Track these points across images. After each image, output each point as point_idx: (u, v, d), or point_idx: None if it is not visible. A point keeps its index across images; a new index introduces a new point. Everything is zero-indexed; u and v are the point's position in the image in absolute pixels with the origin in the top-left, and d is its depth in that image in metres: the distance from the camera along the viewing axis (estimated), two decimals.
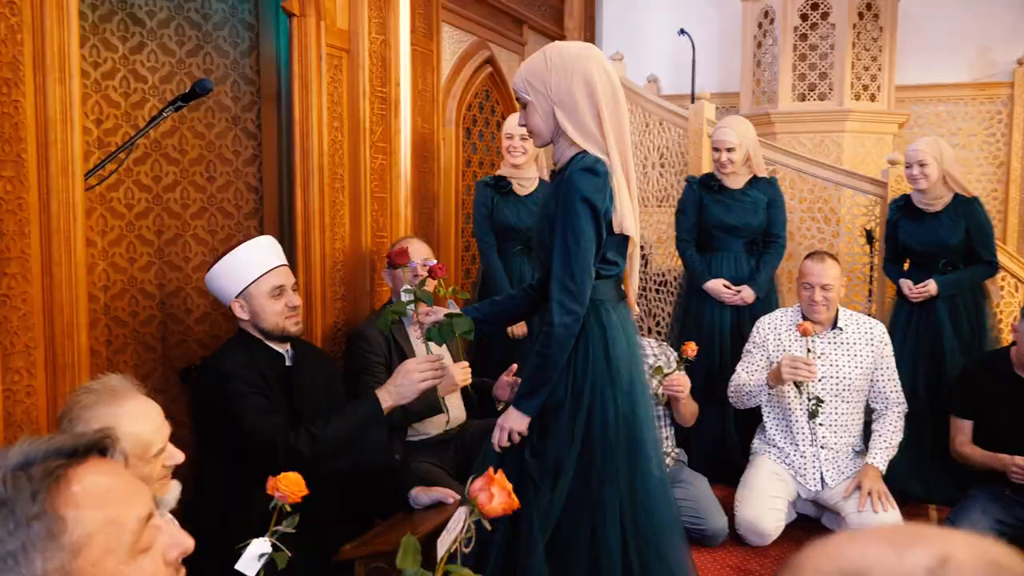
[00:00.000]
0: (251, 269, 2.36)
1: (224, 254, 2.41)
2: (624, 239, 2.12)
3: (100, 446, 0.97)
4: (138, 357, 3.06)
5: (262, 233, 3.16)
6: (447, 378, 2.77)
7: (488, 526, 1.39)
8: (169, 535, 0.99)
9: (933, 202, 3.71)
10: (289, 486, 1.76)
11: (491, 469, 1.35)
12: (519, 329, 3.65)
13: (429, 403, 2.74)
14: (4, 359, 1.87)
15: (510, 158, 3.78)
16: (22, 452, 0.90)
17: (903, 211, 3.82)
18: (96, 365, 2.95)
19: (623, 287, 2.22)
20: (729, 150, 3.72)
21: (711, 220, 3.76)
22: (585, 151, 2.02)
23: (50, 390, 1.99)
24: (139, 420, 1.60)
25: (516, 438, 2.09)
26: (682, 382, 3.10)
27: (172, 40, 3.06)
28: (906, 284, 3.72)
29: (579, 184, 1.98)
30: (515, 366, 2.92)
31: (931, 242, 3.71)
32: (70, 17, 1.98)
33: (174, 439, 1.74)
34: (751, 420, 3.46)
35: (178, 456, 1.67)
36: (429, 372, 2.30)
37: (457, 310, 2.33)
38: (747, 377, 3.27)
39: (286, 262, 2.46)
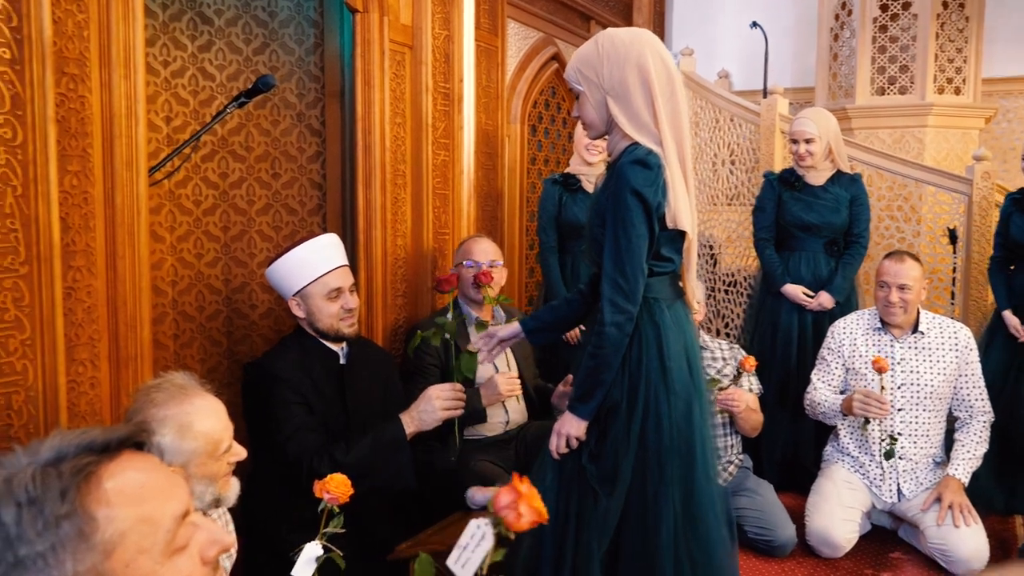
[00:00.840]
0: (310, 269, 2.35)
1: (286, 251, 2.41)
2: (679, 234, 2.02)
3: (135, 440, 0.95)
4: (204, 351, 3.10)
5: (325, 230, 3.17)
6: (491, 388, 2.74)
7: (512, 538, 1.31)
8: (207, 532, 0.95)
9: None
10: (338, 487, 1.75)
11: (516, 478, 1.28)
12: (574, 334, 3.61)
13: (472, 408, 2.72)
14: (69, 350, 1.90)
15: (587, 155, 3.71)
16: (53, 447, 0.88)
17: (1018, 204, 3.55)
18: (163, 359, 3.01)
19: (680, 284, 2.12)
20: (808, 141, 3.57)
21: (790, 218, 3.62)
22: (637, 143, 1.94)
23: (113, 382, 2.01)
24: (210, 417, 1.60)
25: (574, 444, 2.02)
26: (737, 396, 2.95)
27: (239, 38, 3.09)
28: (1013, 323, 3.42)
29: (630, 177, 1.89)
30: (571, 376, 2.86)
31: None
32: (135, 13, 2.00)
33: (236, 434, 1.75)
34: (824, 426, 3.32)
35: (242, 453, 1.67)
36: (451, 402, 2.28)
37: (512, 319, 2.30)
38: (823, 393, 3.12)
39: (346, 262, 2.45)
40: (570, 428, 2.00)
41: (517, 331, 2.19)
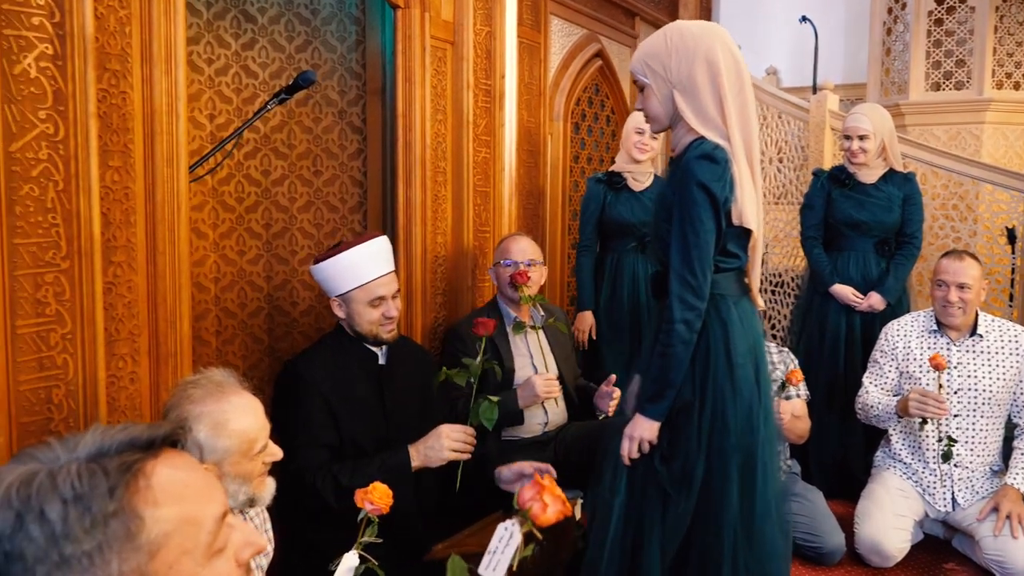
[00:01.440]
0: (357, 274, 2.30)
1: (337, 251, 2.36)
2: (745, 231, 1.98)
3: (174, 438, 0.93)
4: (246, 348, 3.11)
5: (366, 228, 3.16)
6: (528, 390, 2.70)
7: (539, 536, 1.28)
8: (242, 534, 0.93)
9: None
10: (381, 498, 1.74)
11: (537, 476, 1.24)
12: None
13: (509, 411, 2.68)
14: (109, 345, 1.91)
15: (637, 154, 3.66)
16: (94, 443, 0.85)
17: None
18: (205, 355, 3.02)
19: (745, 281, 2.08)
20: (862, 138, 3.47)
21: (840, 216, 3.52)
22: (703, 137, 1.91)
23: (153, 377, 2.02)
24: (246, 416, 1.59)
25: (646, 447, 1.97)
26: (782, 408, 2.87)
27: (282, 36, 3.09)
28: None
29: (696, 172, 1.87)
30: (614, 376, 2.81)
31: None
32: (177, 9, 2.00)
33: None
34: (875, 431, 3.22)
35: (277, 453, 1.66)
36: (460, 444, 2.23)
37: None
38: (876, 396, 3.02)
39: (393, 267, 2.40)
40: (642, 431, 1.96)
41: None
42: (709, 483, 1.93)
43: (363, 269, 2.31)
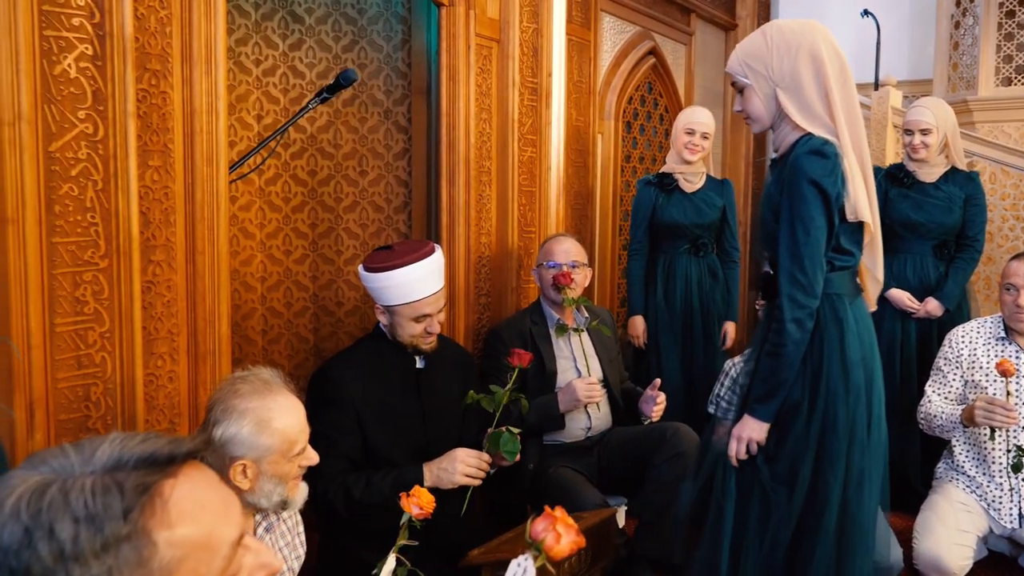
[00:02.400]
0: (406, 292, 2.25)
1: (390, 263, 2.27)
2: (859, 226, 1.95)
3: (198, 454, 0.90)
4: (291, 348, 3.13)
5: (411, 228, 3.15)
6: (568, 394, 2.64)
7: (552, 570, 1.23)
8: (256, 556, 0.90)
9: None
10: (428, 504, 1.75)
11: (547, 507, 1.21)
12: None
13: (549, 415, 2.62)
14: (148, 344, 1.92)
15: (687, 154, 3.57)
16: (112, 453, 0.82)
17: None
18: (252, 354, 3.05)
19: (857, 281, 2.04)
20: (924, 132, 3.33)
21: (896, 216, 3.37)
22: (810, 133, 1.89)
23: (191, 376, 2.02)
24: (289, 416, 1.58)
25: (754, 448, 1.96)
26: None
27: (329, 36, 3.10)
28: None
29: (806, 167, 1.84)
30: (658, 380, 2.74)
31: None
32: (217, 9, 2.01)
33: None
34: (933, 441, 3.07)
35: (314, 458, 1.65)
36: (473, 470, 2.18)
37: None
38: (939, 405, 2.87)
39: (442, 284, 2.36)
40: (751, 432, 1.95)
41: None
42: (815, 487, 1.92)
43: (414, 288, 2.26)
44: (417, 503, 1.77)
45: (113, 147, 1.79)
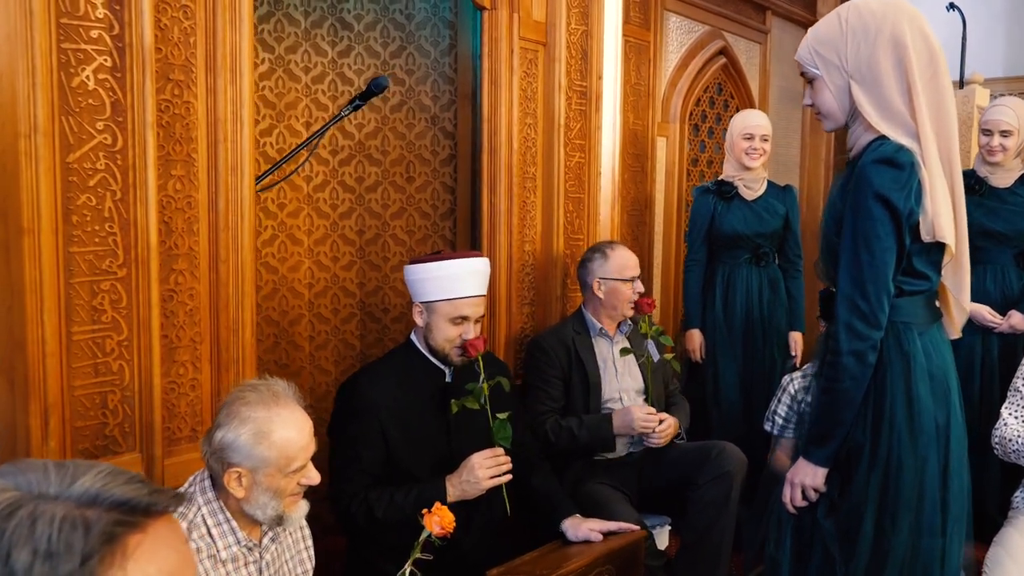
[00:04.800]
0: (449, 287, 2.24)
1: (439, 256, 2.32)
2: (938, 246, 1.72)
3: (174, 506, 0.87)
4: (337, 354, 3.14)
5: (456, 235, 3.11)
6: (625, 419, 2.56)
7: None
8: None
9: None
10: (450, 523, 1.74)
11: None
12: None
13: (601, 436, 2.54)
14: (170, 352, 1.94)
15: (747, 160, 3.43)
16: (93, 486, 0.79)
17: None
18: (298, 359, 3.07)
19: (937, 305, 1.81)
20: (1004, 133, 3.09)
21: (971, 227, 3.13)
22: (885, 137, 1.66)
23: (214, 384, 2.03)
24: (291, 430, 1.56)
25: (812, 495, 1.75)
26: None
27: (377, 42, 3.10)
28: None
29: (873, 179, 1.62)
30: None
31: None
32: (242, 19, 2.01)
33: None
34: (1015, 468, 2.84)
35: (315, 478, 1.62)
36: (494, 468, 2.13)
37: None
38: (1016, 429, 2.65)
39: (485, 292, 2.34)
40: (805, 477, 1.74)
41: None
42: (880, 543, 1.70)
43: (457, 284, 2.24)
44: (439, 522, 1.74)
45: (132, 157, 1.81)
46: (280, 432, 1.57)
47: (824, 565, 1.73)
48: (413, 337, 2.34)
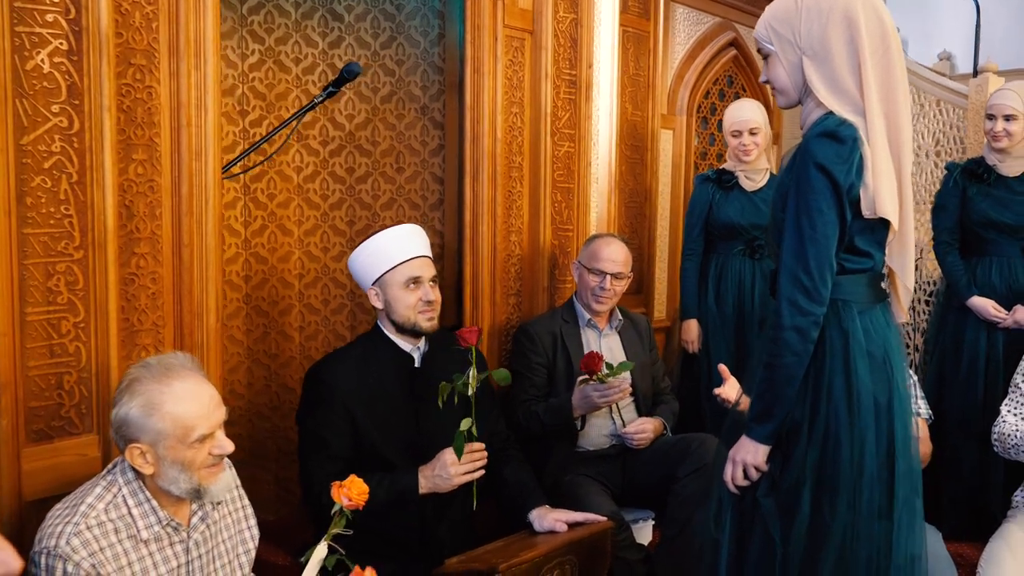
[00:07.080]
0: (388, 257, 2.26)
1: (365, 239, 2.34)
2: (881, 224, 1.70)
3: None
4: (328, 344, 3.14)
5: (444, 225, 3.10)
6: (582, 395, 2.51)
7: None
8: None
9: None
10: (360, 495, 1.68)
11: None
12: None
13: (563, 418, 2.51)
14: (131, 336, 1.95)
15: (743, 156, 3.37)
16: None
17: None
18: (288, 350, 3.08)
19: (882, 286, 1.78)
20: (1008, 118, 2.98)
21: (978, 216, 3.04)
22: (831, 112, 1.65)
23: None
24: (184, 402, 1.55)
25: (753, 474, 1.71)
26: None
27: (367, 33, 3.10)
28: None
29: (815, 151, 1.61)
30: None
31: None
32: (206, 5, 2.01)
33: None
34: (1019, 466, 2.74)
35: (226, 447, 1.60)
36: (468, 465, 2.10)
37: None
38: (1014, 425, 2.56)
39: (428, 253, 2.34)
40: (746, 454, 1.71)
41: None
42: (818, 523, 1.66)
43: (394, 252, 2.25)
44: (347, 494, 1.70)
45: (89, 140, 1.82)
46: (173, 404, 1.55)
47: (764, 547, 1.69)
48: (379, 323, 2.33)
